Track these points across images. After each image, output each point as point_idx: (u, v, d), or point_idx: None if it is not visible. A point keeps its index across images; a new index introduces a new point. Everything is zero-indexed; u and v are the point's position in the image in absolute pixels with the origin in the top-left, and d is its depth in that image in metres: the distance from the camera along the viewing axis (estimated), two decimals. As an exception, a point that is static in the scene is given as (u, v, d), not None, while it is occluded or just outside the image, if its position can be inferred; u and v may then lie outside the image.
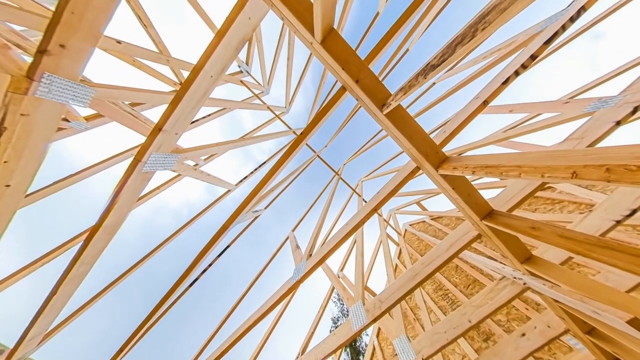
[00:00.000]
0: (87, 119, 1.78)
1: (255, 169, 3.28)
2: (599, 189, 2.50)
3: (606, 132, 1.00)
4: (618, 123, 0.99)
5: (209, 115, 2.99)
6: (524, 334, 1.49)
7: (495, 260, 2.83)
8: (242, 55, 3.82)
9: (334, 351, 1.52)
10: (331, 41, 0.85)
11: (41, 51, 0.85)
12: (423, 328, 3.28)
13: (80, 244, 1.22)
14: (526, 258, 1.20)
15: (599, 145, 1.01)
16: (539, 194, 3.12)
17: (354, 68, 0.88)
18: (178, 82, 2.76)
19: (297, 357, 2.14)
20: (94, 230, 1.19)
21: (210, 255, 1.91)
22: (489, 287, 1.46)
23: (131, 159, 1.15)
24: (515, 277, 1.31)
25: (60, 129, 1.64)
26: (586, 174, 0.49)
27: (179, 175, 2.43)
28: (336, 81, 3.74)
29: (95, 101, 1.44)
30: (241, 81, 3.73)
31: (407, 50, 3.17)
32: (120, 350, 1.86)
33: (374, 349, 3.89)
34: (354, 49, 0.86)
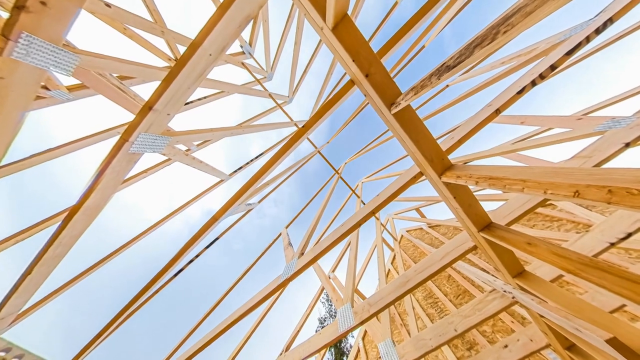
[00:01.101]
0: (70, 89, 1.70)
1: (251, 160, 3.24)
2: (598, 210, 2.59)
3: (614, 153, 1.02)
4: (627, 145, 1.02)
5: (205, 97, 2.91)
6: (506, 346, 1.58)
7: (488, 272, 2.94)
8: (246, 34, 3.66)
9: (318, 350, 1.58)
10: (343, 28, 0.82)
11: (19, 6, 0.80)
12: (409, 334, 3.44)
13: (58, 223, 1.20)
14: (518, 273, 1.26)
15: (606, 165, 1.04)
16: (539, 210, 3.22)
17: (365, 61, 0.86)
18: (173, 57, 2.65)
19: (281, 354, 2.22)
20: (73, 211, 1.17)
21: (199, 246, 1.92)
22: (478, 298, 1.53)
23: (117, 137, 1.12)
24: (505, 291, 1.37)
25: (39, 97, 1.56)
26: (588, 194, 0.51)
27: (168, 159, 2.38)
28: (345, 73, 3.65)
29: (79, 70, 1.37)
30: (242, 63, 3.60)
31: (423, 47, 3.11)
32: (101, 332, 1.88)
33: (358, 350, 4.07)
34: (366, 40, 0.83)
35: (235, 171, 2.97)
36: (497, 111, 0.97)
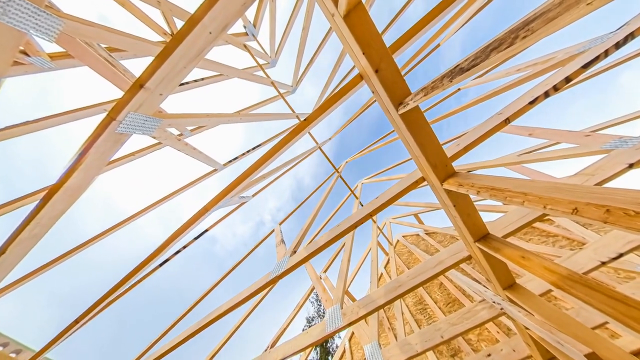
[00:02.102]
0: (52, 57, 1.62)
1: (248, 151, 3.20)
2: (594, 229, 2.71)
3: (617, 173, 1.06)
4: (631, 166, 1.05)
5: (202, 79, 2.82)
6: (489, 355, 1.67)
7: (480, 283, 3.06)
8: (250, 13, 3.51)
9: (304, 349, 1.63)
10: (356, 17, 0.80)
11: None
12: (396, 338, 3.58)
13: (36, 202, 1.17)
14: (509, 285, 1.31)
15: (608, 184, 1.08)
16: (536, 224, 3.34)
17: (376, 55, 0.85)
18: (169, 32, 2.53)
19: (266, 350, 2.29)
20: (53, 190, 1.14)
21: (187, 237, 1.91)
22: (467, 307, 1.59)
23: (103, 115, 1.08)
24: (494, 302, 1.44)
25: (17, 63, 1.48)
26: (586, 212, 0.53)
27: (158, 143, 2.32)
28: (353, 67, 3.58)
29: (64, 37, 1.30)
30: (245, 45, 3.48)
31: (438, 45, 3.07)
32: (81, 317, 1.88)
33: (344, 351, 4.23)
34: (379, 32, 0.82)
35: (230, 161, 2.93)
36: (507, 120, 0.98)
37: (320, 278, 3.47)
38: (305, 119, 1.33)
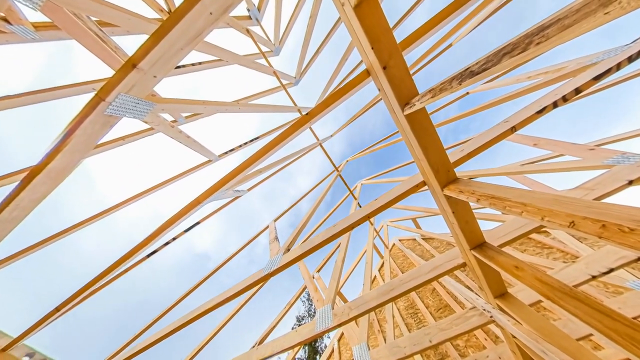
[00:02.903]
0: (37, 26, 1.54)
1: (245, 143, 3.16)
2: (588, 243, 2.81)
3: (617, 189, 1.09)
4: (630, 182, 1.08)
5: (199, 63, 2.74)
6: (475, 360, 1.74)
7: (472, 290, 3.17)
8: (255, -4, 3.39)
9: (292, 347, 1.67)
10: (367, 8, 0.78)
11: None
12: (385, 340, 3.70)
13: (16, 183, 1.14)
14: (500, 294, 1.36)
15: (607, 200, 1.11)
16: (532, 235, 3.44)
17: (385, 50, 0.84)
18: (166, 9, 2.43)
19: (254, 346, 2.33)
20: (34, 172, 1.11)
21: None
22: (457, 313, 1.65)
23: (92, 94, 1.04)
24: (485, 309, 1.49)
25: (-3, 30, 1.40)
26: (583, 226, 0.55)
27: (150, 129, 2.27)
28: (360, 62, 3.53)
29: (50, 5, 1.23)
30: (247, 30, 3.38)
31: (450, 45, 3.05)
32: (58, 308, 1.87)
33: (332, 351, 4.35)
34: (390, 27, 0.80)
35: (226, 153, 2.89)
36: (513, 129, 0.99)
37: (313, 277, 3.53)
38: (307, 114, 1.31)
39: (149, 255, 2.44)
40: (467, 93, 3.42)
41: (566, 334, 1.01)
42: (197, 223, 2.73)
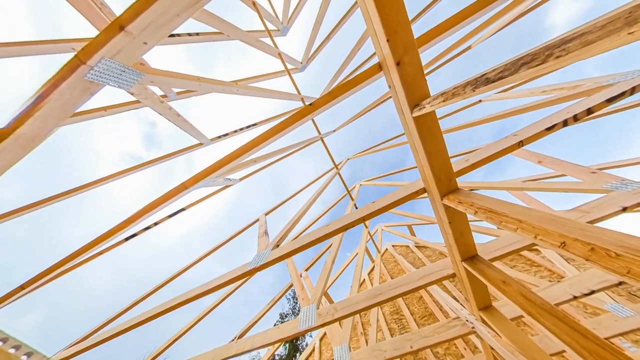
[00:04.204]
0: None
1: (241, 129, 3.09)
2: (575, 264, 3.00)
3: (611, 214, 1.16)
4: (624, 209, 1.15)
5: (197, 34, 2.60)
6: (452, 368, 1.86)
7: (458, 301, 3.34)
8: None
9: (273, 343, 1.73)
10: (386, -4, 0.76)
11: None
12: (367, 343, 3.89)
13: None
14: (485, 306, 1.45)
15: (601, 224, 1.18)
16: (524, 252, 3.63)
17: (401, 45, 0.82)
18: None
19: (233, 340, 2.40)
20: (1, 136, 1.04)
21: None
22: (440, 322, 1.75)
23: (71, 55, 0.97)
24: (467, 320, 1.59)
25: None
26: (573, 248, 0.58)
27: (136, 102, 2.17)
28: (372, 54, 3.46)
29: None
30: (254, 3, 3.21)
31: (469, 47, 3.03)
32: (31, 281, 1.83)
33: (313, 349, 4.54)
34: (409, 19, 0.78)
35: (220, 137, 2.82)
36: (521, 143, 1.02)
37: (301, 276, 3.60)
38: (311, 104, 1.29)
39: (127, 239, 2.40)
40: (480, 101, 3.44)
41: (541, 349, 1.09)
42: (183, 209, 2.69)
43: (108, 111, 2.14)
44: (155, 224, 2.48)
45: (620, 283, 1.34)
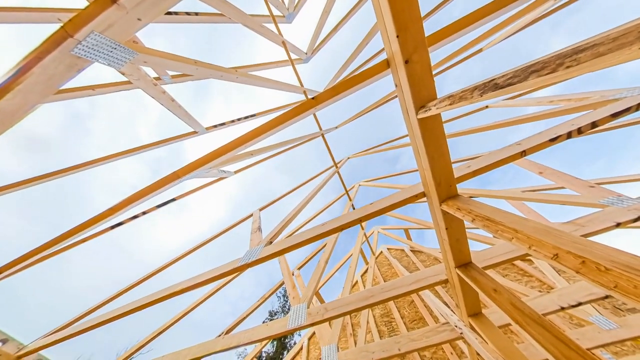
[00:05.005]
0: None
1: (239, 119, 3.04)
2: (566, 276, 3.13)
3: (604, 229, 1.21)
4: (618, 225, 1.20)
5: (196, 13, 2.50)
6: (438, 372, 1.94)
7: (448, 306, 3.45)
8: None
9: (261, 340, 1.76)
10: (399, -11, 0.75)
11: None
12: (355, 344, 3.99)
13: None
14: (475, 313, 1.50)
15: (594, 238, 1.23)
16: (517, 262, 3.76)
17: (411, 42, 0.81)
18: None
19: (220, 336, 2.42)
20: (-23, 109, 0.99)
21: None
22: (430, 327, 1.81)
23: (57, 26, 0.92)
24: (456, 326, 1.64)
25: None
26: (565, 260, 0.60)
27: (127, 82, 2.09)
28: (381, 49, 3.42)
29: None
30: (259, -15, 3.10)
31: (480, 50, 3.03)
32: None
33: (301, 348, 4.64)
34: (421, 16, 0.77)
35: (215, 126, 2.77)
36: (524, 153, 1.04)
37: (293, 274, 3.64)
38: (313, 98, 1.27)
39: (113, 227, 2.37)
40: (487, 106, 3.47)
41: (525, 356, 1.15)
42: (173, 199, 2.66)
43: (96, 90, 2.07)
44: (144, 213, 2.45)
45: (607, 296, 1.41)
